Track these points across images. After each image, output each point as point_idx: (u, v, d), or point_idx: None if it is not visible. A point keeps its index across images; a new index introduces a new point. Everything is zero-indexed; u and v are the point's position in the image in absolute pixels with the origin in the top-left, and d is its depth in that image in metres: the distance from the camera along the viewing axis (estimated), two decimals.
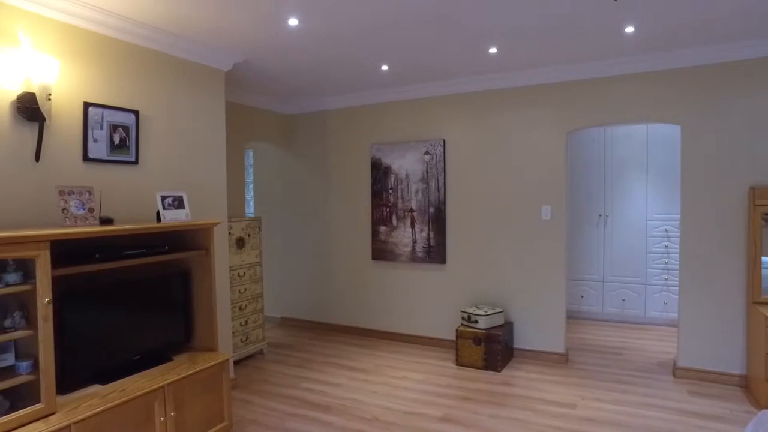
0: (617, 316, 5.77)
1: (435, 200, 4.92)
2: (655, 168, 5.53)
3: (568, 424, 3.28)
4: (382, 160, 5.18)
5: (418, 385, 4.01)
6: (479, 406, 3.59)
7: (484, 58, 4.07)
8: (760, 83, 3.77)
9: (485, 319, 4.33)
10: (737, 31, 3.50)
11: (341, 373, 4.32)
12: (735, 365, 3.90)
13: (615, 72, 4.18)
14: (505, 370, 4.31)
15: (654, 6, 3.04)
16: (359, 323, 5.47)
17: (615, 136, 5.69)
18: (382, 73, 4.49)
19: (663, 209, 5.50)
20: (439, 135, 4.92)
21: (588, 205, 5.86)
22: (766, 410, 2.08)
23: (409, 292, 5.16)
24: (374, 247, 5.26)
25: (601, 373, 4.20)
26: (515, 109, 4.58)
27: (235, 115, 4.96)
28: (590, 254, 5.86)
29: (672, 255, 5.42)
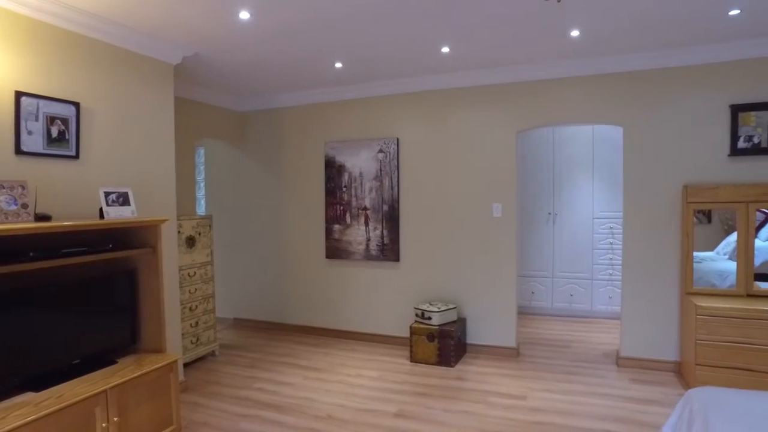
0: (566, 310, 5.97)
1: (389, 198, 4.94)
2: (601, 168, 5.76)
3: (518, 415, 3.37)
4: (336, 159, 5.16)
5: (373, 382, 4.02)
6: (433, 401, 3.63)
7: (437, 58, 4.13)
8: (693, 88, 4.01)
9: (438, 315, 4.39)
10: (674, 39, 3.70)
11: (295, 372, 4.27)
12: (670, 352, 4.13)
13: (562, 74, 4.32)
14: (459, 365, 4.38)
15: (597, 12, 3.17)
16: (313, 322, 5.43)
17: (563, 136, 5.90)
18: (336, 71, 4.47)
19: (608, 207, 5.74)
20: (392, 133, 4.94)
21: (537, 203, 6.04)
22: (692, 389, 2.21)
23: (363, 291, 5.16)
24: (328, 246, 5.24)
25: (550, 365, 4.34)
26: (467, 108, 4.66)
27: (186, 111, 4.82)
28: (540, 251, 6.05)
29: (616, 251, 5.67)
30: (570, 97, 4.35)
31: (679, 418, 2.14)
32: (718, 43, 3.83)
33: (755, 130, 3.88)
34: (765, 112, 3.85)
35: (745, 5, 3.14)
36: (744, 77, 3.89)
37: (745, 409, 1.91)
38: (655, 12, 3.21)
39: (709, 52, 3.90)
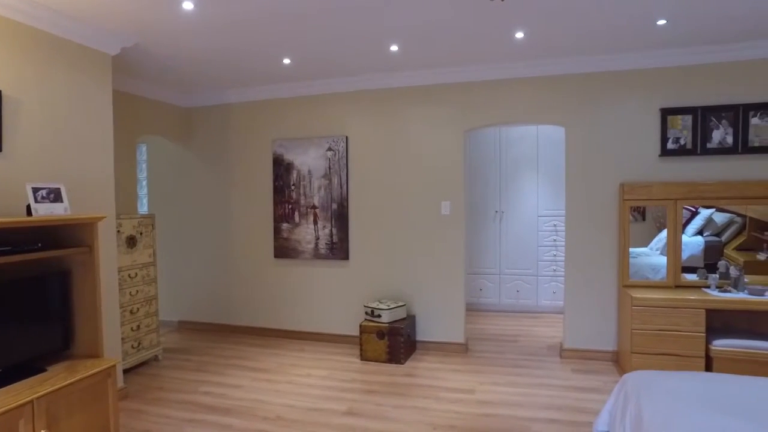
0: (513, 306, 6.15)
1: (338, 196, 4.92)
2: (545, 167, 5.98)
3: (466, 408, 3.44)
4: (284, 156, 5.09)
5: (323, 382, 3.98)
6: (383, 398, 3.64)
7: (386, 56, 4.15)
8: (628, 92, 4.23)
9: (388, 313, 4.41)
10: (610, 45, 3.89)
11: (243, 374, 4.18)
12: (609, 342, 4.34)
13: (508, 75, 4.45)
14: (409, 362, 4.41)
15: (539, 15, 3.28)
16: (262, 323, 5.32)
17: (509, 136, 6.07)
18: (284, 67, 4.41)
19: (552, 205, 5.96)
20: (341, 131, 4.93)
21: (485, 202, 6.19)
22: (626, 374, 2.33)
23: (312, 290, 5.11)
24: (276, 245, 5.15)
25: (497, 360, 4.45)
26: (416, 107, 4.72)
27: (126, 105, 4.61)
28: (487, 249, 6.20)
29: (559, 248, 5.89)
30: (515, 98, 4.48)
31: (616, 401, 2.25)
32: (649, 51, 4.06)
33: (681, 133, 4.14)
34: (689, 116, 4.12)
35: (671, 16, 3.35)
36: (672, 83, 4.14)
37: (672, 387, 2.04)
38: (592, 19, 3.37)
39: (642, 58, 4.13)
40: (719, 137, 4.08)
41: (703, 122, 4.10)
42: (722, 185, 3.98)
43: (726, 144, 4.07)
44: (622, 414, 2.14)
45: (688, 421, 1.74)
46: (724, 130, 4.07)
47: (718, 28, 3.59)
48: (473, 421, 3.24)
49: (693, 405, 1.85)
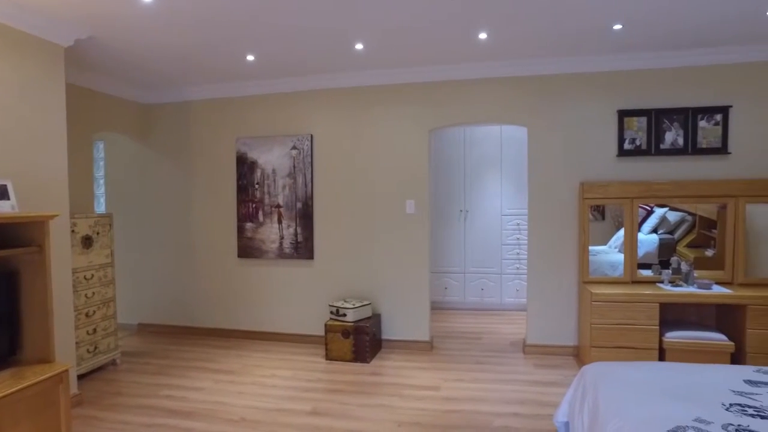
0: (477, 304, 6.23)
1: (302, 195, 4.88)
2: (508, 166, 6.08)
3: (432, 405, 3.46)
4: (248, 155, 5.01)
5: (287, 382, 3.94)
6: (348, 397, 3.63)
7: (352, 55, 4.14)
8: (588, 94, 4.36)
9: (353, 312, 4.40)
10: (570, 48, 4.00)
11: (205, 376, 4.09)
12: (570, 338, 4.45)
13: (472, 75, 4.51)
14: (374, 361, 4.41)
15: (502, 17, 3.34)
16: (225, 324, 5.22)
17: (473, 136, 6.15)
18: (247, 64, 4.34)
19: (515, 204, 6.07)
20: (306, 130, 4.89)
21: (450, 201, 6.25)
22: (585, 366, 2.40)
23: (277, 289, 5.05)
24: (240, 245, 5.07)
25: (462, 357, 4.50)
26: (381, 106, 4.72)
27: (81, 99, 4.45)
28: (452, 248, 6.26)
29: (522, 246, 6.00)
30: (479, 98, 4.55)
31: (575, 393, 2.31)
32: (607, 54, 4.19)
33: (637, 134, 4.30)
34: (644, 118, 4.28)
35: (626, 22, 3.47)
36: (628, 86, 4.29)
37: (626, 377, 2.12)
38: (551, 22, 3.45)
39: (601, 61, 4.27)
40: (671, 138, 4.25)
41: (656, 124, 4.26)
42: (674, 184, 4.15)
43: (677, 145, 4.24)
44: (580, 404, 2.20)
45: (640, 407, 1.81)
46: (676, 131, 4.24)
47: (670, 35, 3.74)
48: (438, 418, 3.26)
49: (645, 392, 1.93)
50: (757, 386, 1.99)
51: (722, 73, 4.16)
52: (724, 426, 1.64)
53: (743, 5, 3.24)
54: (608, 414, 1.88)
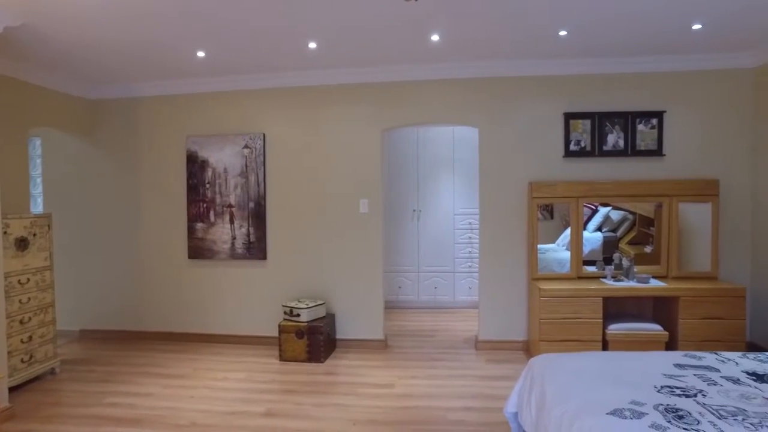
0: (431, 302, 6.32)
1: (255, 195, 4.81)
2: (461, 166, 6.21)
3: (386, 402, 3.49)
4: (198, 154, 4.88)
5: (240, 384, 3.87)
6: (303, 397, 3.61)
7: (305, 54, 4.12)
8: (536, 96, 4.52)
9: (307, 312, 4.37)
10: (521, 50, 4.13)
11: (154, 382, 3.95)
12: (520, 333, 4.59)
13: (425, 76, 4.58)
14: (329, 361, 4.40)
15: (452, 19, 3.41)
16: (175, 327, 5.06)
17: (426, 136, 6.24)
18: (198, 61, 4.24)
19: (467, 204, 6.20)
20: (259, 128, 4.82)
21: (403, 200, 6.32)
22: (533, 358, 2.49)
23: (229, 291, 4.95)
24: (191, 245, 4.93)
25: (416, 354, 4.55)
26: (335, 105, 4.72)
27: (14, 92, 4.21)
28: (406, 247, 6.33)
29: (474, 245, 6.14)
30: (432, 99, 4.62)
31: (523, 384, 2.40)
32: (554, 59, 4.36)
33: (582, 136, 4.49)
34: (588, 121, 4.48)
35: (571, 29, 3.62)
36: (574, 90, 4.48)
37: (571, 366, 2.23)
38: (501, 26, 3.56)
39: (548, 65, 4.43)
40: (613, 141, 4.47)
41: (600, 127, 4.47)
42: (616, 184, 4.36)
43: (618, 147, 4.46)
44: (528, 394, 2.28)
45: (582, 393, 1.91)
46: (617, 134, 4.46)
47: (611, 43, 3.94)
48: (393, 415, 3.29)
49: (587, 379, 2.04)
50: (684, 369, 2.15)
51: (658, 80, 4.42)
52: (655, 406, 1.76)
53: (674, 20, 3.46)
54: (554, 401, 1.96)
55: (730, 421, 1.64)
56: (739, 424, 1.63)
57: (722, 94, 4.39)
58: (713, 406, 1.77)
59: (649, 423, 1.64)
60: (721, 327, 3.92)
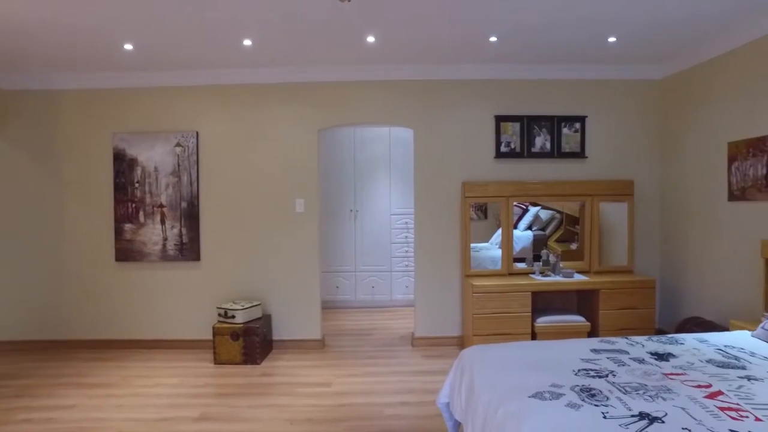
0: (368, 302, 6.38)
1: (188, 195, 4.67)
2: (397, 167, 6.32)
3: (324, 401, 3.50)
4: (127, 152, 4.68)
5: (173, 390, 3.75)
6: (238, 400, 3.55)
7: (240, 51, 4.06)
8: (469, 99, 4.69)
9: (242, 313, 4.30)
10: (454, 54, 4.27)
11: (77, 393, 3.73)
12: (455, 328, 4.74)
13: (361, 77, 4.64)
14: (265, 362, 4.35)
15: (387, 22, 3.48)
16: (103, 335, 4.80)
17: (363, 137, 6.31)
18: (126, 54, 4.06)
19: (403, 204, 6.32)
20: (192, 127, 4.69)
21: (340, 200, 6.35)
22: (463, 350, 2.61)
23: (160, 294, 4.76)
24: (118, 247, 4.71)
25: (353, 353, 4.59)
26: (271, 104, 4.68)
27: None
28: (343, 247, 6.36)
29: (411, 244, 6.27)
30: (368, 100, 4.68)
31: (455, 375, 2.50)
32: (485, 64, 4.55)
33: (512, 138, 4.71)
34: (518, 123, 4.70)
35: (500, 35, 3.80)
36: (504, 94, 4.69)
37: (498, 356, 2.36)
38: (433, 30, 3.67)
39: (480, 70, 4.61)
40: (541, 143, 4.72)
41: (528, 129, 4.70)
42: (543, 184, 4.61)
43: (546, 149, 4.72)
44: (459, 384, 2.38)
45: (507, 379, 2.03)
46: (544, 137, 4.72)
47: (538, 50, 4.17)
48: (330, 412, 3.31)
49: (512, 367, 2.16)
50: (599, 353, 2.33)
51: (580, 87, 4.71)
52: (572, 387, 1.90)
53: (592, 32, 3.71)
54: (482, 388, 2.07)
55: (633, 396, 1.81)
56: (640, 396, 1.80)
57: (635, 103, 4.75)
58: (620, 383, 1.94)
59: (566, 402, 1.77)
60: (635, 316, 4.24)
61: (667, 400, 1.78)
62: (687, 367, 2.15)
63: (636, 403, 1.75)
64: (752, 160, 3.62)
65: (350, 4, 3.05)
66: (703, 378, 2.00)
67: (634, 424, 1.59)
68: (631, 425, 1.59)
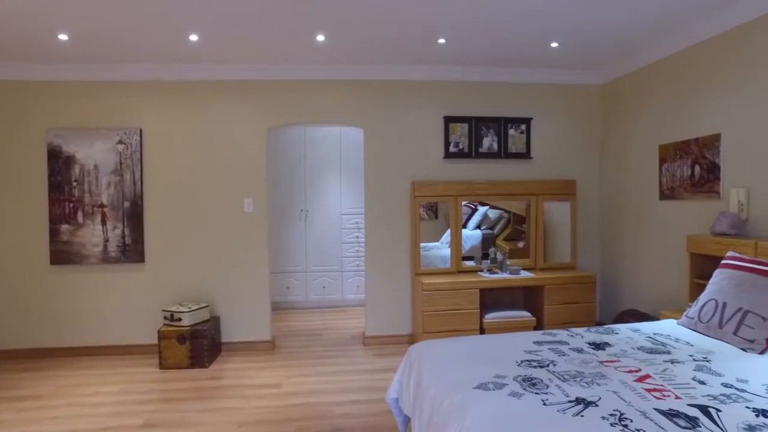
0: (319, 302, 6.35)
1: (131, 194, 4.49)
2: (347, 167, 6.33)
3: (274, 402, 3.46)
4: (63, 149, 4.45)
5: (114, 398, 3.59)
6: (186, 405, 3.45)
7: (186, 46, 3.95)
8: (419, 100, 4.77)
9: (189, 315, 4.18)
10: (404, 55, 4.32)
11: (5, 407, 3.48)
12: (405, 327, 4.80)
13: (311, 76, 4.62)
14: (214, 365, 4.25)
15: (336, 20, 3.48)
16: (35, 343, 4.52)
17: (314, 136, 6.27)
18: (61, 45, 3.85)
19: (354, 203, 6.33)
20: (135, 124, 4.52)
21: (291, 200, 6.29)
22: (411, 346, 2.65)
23: (101, 298, 4.55)
24: (54, 250, 4.46)
25: (304, 353, 4.56)
26: (219, 102, 4.58)
27: None
28: (294, 247, 6.30)
29: (362, 244, 6.28)
30: (318, 99, 4.67)
31: (403, 371, 2.53)
32: (435, 65, 4.63)
33: (460, 138, 4.82)
34: (466, 124, 4.81)
35: (448, 37, 3.87)
36: (453, 95, 4.79)
37: (446, 350, 2.42)
38: (383, 30, 3.70)
39: (429, 71, 4.69)
40: (488, 144, 4.85)
41: (476, 130, 4.82)
42: (490, 184, 4.74)
43: (493, 150, 4.85)
44: (408, 379, 2.42)
45: (452, 372, 2.09)
46: (492, 138, 4.85)
47: (485, 53, 4.28)
48: (280, 413, 3.28)
49: (458, 361, 2.22)
50: (541, 345, 2.43)
51: (526, 90, 4.88)
52: (515, 378, 1.97)
53: (536, 36, 3.85)
54: (429, 382, 2.11)
55: (571, 383, 1.90)
56: (577, 383, 1.89)
57: (577, 106, 4.97)
58: (560, 372, 2.02)
59: (509, 392, 1.83)
60: (577, 310, 4.44)
61: (602, 385, 1.87)
62: (620, 354, 2.27)
63: (573, 389, 1.84)
64: (679, 162, 3.87)
65: (300, 1, 3.03)
66: (633, 364, 2.13)
67: (570, 409, 1.67)
68: (568, 410, 1.67)
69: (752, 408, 1.68)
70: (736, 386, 1.88)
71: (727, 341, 2.40)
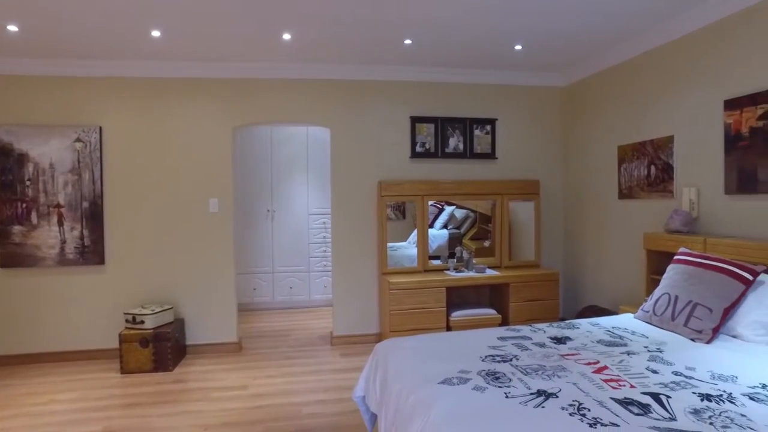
0: (286, 303, 6.29)
1: (90, 194, 4.35)
2: (314, 166, 6.30)
3: (240, 404, 3.41)
4: (14, 146, 4.26)
5: (71, 405, 3.46)
6: (148, 409, 3.36)
7: (148, 42, 3.85)
8: (386, 100, 4.79)
9: (152, 318, 4.08)
10: (370, 55, 4.33)
11: None
12: (373, 326, 4.81)
13: (278, 75, 4.58)
14: (178, 368, 4.16)
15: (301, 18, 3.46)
16: None
17: (280, 136, 6.22)
18: (8, 36, 3.67)
19: (321, 204, 6.30)
20: (94, 121, 4.38)
21: (257, 200, 6.21)
22: (377, 344, 2.67)
23: (58, 302, 4.38)
24: (5, 252, 4.26)
25: (271, 354, 4.51)
26: (183, 100, 4.49)
27: None
28: (260, 248, 6.23)
29: (329, 244, 6.24)
30: (284, 98, 4.63)
31: (369, 368, 2.54)
32: (401, 66, 4.66)
33: (426, 138, 4.86)
34: (432, 125, 4.87)
35: (414, 38, 3.91)
36: (419, 95, 4.84)
37: (411, 347, 2.45)
38: (348, 30, 3.70)
39: (396, 71, 4.72)
40: (454, 144, 4.91)
41: (442, 130, 4.88)
42: (456, 184, 4.80)
43: (459, 150, 4.92)
44: (374, 376, 2.43)
45: (419, 368, 2.11)
46: (458, 138, 4.92)
47: (451, 54, 4.34)
48: (246, 415, 3.24)
49: (423, 357, 2.25)
50: (505, 341, 2.49)
51: (491, 91, 4.97)
52: (478, 372, 2.01)
53: (500, 39, 3.93)
54: (394, 378, 2.13)
55: (533, 376, 1.95)
56: (539, 376, 1.95)
57: (541, 107, 5.09)
58: (522, 366, 2.08)
59: (473, 386, 1.87)
60: (541, 307, 4.54)
61: (562, 377, 1.93)
62: (580, 347, 2.35)
63: (535, 382, 1.89)
64: (636, 162, 4.02)
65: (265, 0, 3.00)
66: (592, 356, 2.20)
67: (532, 401, 1.72)
68: (530, 402, 1.71)
69: (698, 393, 1.78)
70: (685, 374, 1.98)
71: (679, 333, 2.52)
